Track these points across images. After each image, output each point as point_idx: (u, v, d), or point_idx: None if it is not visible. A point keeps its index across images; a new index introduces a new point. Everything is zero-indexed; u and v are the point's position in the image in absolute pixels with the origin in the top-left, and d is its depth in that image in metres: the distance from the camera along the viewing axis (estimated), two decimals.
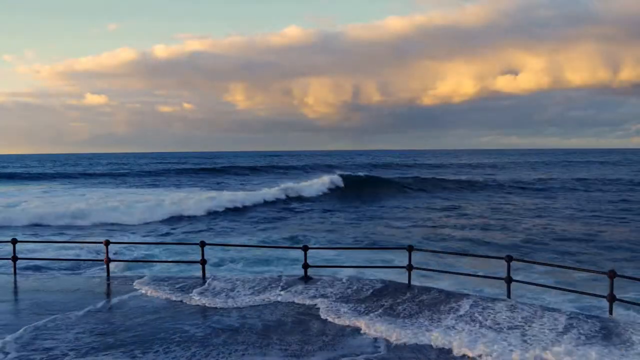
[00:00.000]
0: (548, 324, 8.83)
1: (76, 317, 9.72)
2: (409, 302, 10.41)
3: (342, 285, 11.76)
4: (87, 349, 8.11)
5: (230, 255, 19.57)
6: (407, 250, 12.09)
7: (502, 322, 9.01)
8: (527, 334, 8.43)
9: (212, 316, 9.91)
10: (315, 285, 11.72)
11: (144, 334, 8.83)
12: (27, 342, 8.42)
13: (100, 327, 9.15)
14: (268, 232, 26.90)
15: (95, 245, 20.46)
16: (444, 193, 48.40)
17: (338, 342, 8.45)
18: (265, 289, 11.61)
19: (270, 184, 50.15)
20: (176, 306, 10.58)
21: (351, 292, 11.21)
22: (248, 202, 38.34)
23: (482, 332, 8.54)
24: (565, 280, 15.94)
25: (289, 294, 11.22)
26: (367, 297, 10.86)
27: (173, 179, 70.57)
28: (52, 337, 8.61)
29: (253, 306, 10.50)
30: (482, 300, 10.37)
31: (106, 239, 13.91)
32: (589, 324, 8.86)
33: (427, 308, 10.01)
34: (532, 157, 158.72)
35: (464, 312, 9.59)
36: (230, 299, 10.93)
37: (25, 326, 9.14)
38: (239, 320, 9.57)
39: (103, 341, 8.45)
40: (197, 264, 13.25)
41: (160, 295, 11.22)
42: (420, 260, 14.39)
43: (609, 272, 9.39)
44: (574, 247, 22.15)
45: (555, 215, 32.74)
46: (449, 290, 11.55)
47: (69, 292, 11.87)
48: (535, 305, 10.05)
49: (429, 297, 10.69)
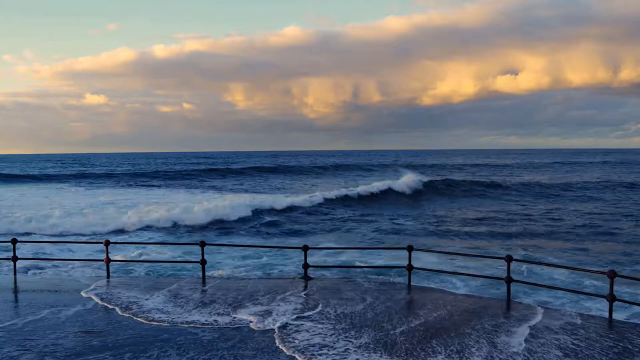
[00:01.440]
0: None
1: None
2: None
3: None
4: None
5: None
6: (407, 250, 12.10)
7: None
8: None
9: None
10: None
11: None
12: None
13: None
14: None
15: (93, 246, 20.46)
16: (518, 196, 46.18)
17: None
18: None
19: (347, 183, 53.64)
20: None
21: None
22: (364, 193, 42.62)
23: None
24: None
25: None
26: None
27: (231, 179, 68.58)
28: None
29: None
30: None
31: (106, 239, 13.91)
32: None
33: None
34: (554, 158, 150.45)
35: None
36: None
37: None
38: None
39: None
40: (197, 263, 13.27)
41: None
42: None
43: (609, 272, 9.40)
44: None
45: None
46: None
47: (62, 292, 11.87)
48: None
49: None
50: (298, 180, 67.66)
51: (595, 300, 12.87)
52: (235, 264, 18.51)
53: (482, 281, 14.96)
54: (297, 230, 28.36)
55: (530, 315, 9.53)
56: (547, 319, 9.29)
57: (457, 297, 11.23)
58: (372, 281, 12.70)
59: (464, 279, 15.26)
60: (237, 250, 19.83)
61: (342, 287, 11.76)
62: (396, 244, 22.82)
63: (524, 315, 9.54)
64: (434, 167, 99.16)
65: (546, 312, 9.86)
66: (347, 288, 11.66)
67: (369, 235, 26.06)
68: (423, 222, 30.59)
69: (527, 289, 14.14)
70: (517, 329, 8.75)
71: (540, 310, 9.89)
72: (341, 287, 11.84)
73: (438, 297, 11.08)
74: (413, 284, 12.13)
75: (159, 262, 17.46)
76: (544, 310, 9.94)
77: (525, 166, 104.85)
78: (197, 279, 12.96)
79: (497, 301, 10.95)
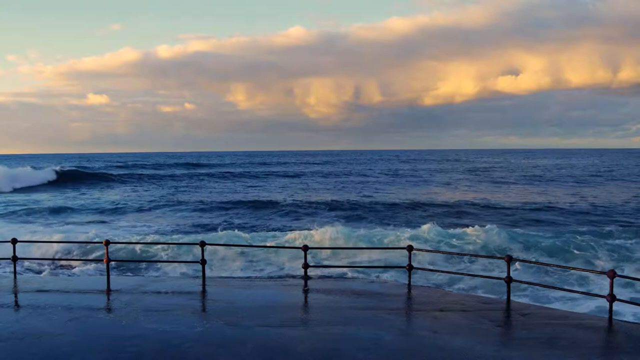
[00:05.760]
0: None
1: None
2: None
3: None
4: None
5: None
6: (407, 250, 12.09)
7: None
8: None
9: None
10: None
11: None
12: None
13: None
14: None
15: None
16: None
17: None
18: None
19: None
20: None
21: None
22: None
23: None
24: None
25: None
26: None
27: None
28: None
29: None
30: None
31: (106, 239, 13.89)
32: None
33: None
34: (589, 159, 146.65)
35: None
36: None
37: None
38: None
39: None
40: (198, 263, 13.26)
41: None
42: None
43: (608, 272, 9.39)
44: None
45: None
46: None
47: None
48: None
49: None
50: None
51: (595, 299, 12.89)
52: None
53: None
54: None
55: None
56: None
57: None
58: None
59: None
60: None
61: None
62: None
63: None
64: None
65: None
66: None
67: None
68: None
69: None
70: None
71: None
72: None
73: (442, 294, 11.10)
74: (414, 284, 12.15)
75: (159, 262, 17.47)
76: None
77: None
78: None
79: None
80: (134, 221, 32.01)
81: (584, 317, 9.77)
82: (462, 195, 46.13)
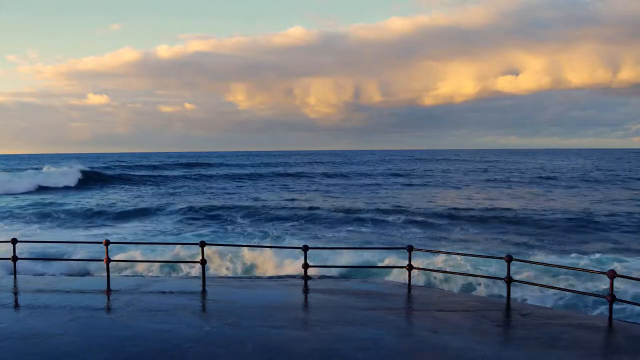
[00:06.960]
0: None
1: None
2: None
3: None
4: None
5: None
6: (407, 250, 12.09)
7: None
8: None
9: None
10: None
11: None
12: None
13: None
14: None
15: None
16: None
17: None
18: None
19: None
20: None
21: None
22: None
23: None
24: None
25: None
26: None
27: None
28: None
29: None
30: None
31: (106, 239, 13.89)
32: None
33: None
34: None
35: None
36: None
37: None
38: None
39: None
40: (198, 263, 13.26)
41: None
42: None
43: (608, 271, 9.39)
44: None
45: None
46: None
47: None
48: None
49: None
50: None
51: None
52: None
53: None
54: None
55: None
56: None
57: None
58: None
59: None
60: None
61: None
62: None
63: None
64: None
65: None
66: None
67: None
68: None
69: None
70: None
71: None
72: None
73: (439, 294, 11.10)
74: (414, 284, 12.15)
75: (159, 262, 17.46)
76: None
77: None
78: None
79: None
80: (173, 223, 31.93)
81: (584, 317, 9.79)
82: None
